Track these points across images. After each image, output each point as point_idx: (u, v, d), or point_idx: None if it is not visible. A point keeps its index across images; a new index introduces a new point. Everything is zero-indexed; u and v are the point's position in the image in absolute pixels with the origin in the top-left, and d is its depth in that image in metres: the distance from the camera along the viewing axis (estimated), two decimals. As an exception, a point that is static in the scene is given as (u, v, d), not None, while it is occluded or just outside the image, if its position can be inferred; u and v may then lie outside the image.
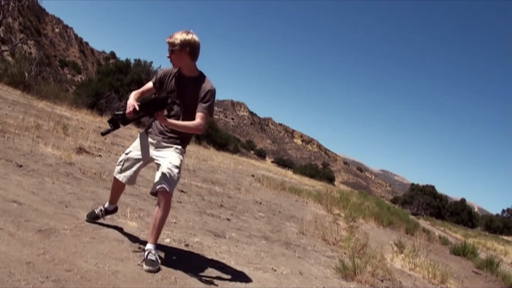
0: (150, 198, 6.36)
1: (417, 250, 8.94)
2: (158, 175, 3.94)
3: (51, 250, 3.54)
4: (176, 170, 3.95)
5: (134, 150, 4.20)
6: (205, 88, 3.99)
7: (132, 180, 4.26)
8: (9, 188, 4.92)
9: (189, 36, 3.91)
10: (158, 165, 4.03)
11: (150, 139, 4.16)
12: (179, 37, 3.89)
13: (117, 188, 4.45)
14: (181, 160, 4.07)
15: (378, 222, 14.19)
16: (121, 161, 4.24)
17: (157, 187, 3.87)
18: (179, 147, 4.08)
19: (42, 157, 7.10)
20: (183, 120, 4.02)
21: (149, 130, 4.22)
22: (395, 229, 14.59)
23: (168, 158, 4.00)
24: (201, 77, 4.07)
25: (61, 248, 3.64)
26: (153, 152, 4.12)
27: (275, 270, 4.89)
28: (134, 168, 4.19)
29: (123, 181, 4.24)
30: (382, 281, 5.66)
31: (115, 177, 4.31)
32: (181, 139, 4.11)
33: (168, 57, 4.02)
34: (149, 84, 4.34)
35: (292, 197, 14.31)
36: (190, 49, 3.93)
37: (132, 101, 3.96)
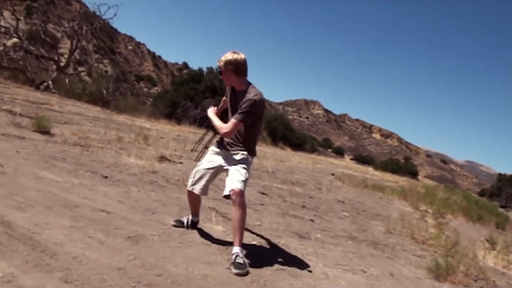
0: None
1: (510, 246, 8.44)
2: (228, 178, 4.17)
3: (141, 256, 3.61)
4: (243, 171, 4.18)
5: (205, 162, 4.48)
6: (246, 98, 4.20)
7: (204, 190, 4.48)
8: (97, 198, 5.09)
9: (231, 56, 4.21)
10: (227, 170, 4.26)
11: (218, 150, 4.43)
12: (223, 58, 4.23)
13: (193, 200, 4.64)
14: (248, 163, 4.31)
15: (467, 217, 13.58)
16: (193, 174, 4.48)
17: (228, 189, 4.06)
18: (245, 152, 4.29)
19: (126, 167, 7.31)
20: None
21: (218, 142, 4.51)
22: (484, 224, 13.92)
23: (235, 162, 4.27)
24: (247, 90, 4.27)
25: (150, 254, 3.72)
26: (221, 160, 4.36)
27: (365, 272, 4.75)
28: (205, 178, 4.42)
29: (197, 192, 4.45)
30: (475, 281, 5.36)
31: (188, 190, 4.53)
32: (246, 147, 4.34)
33: (220, 77, 4.40)
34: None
35: (375, 194, 13.98)
36: (233, 68, 4.21)
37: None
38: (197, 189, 4.42)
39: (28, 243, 3.38)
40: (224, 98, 4.66)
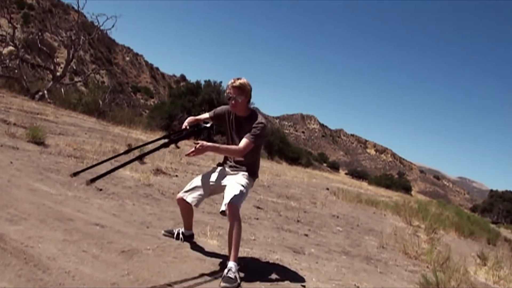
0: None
1: (501, 261, 8.48)
2: (225, 194, 4.12)
3: (135, 271, 3.60)
4: (241, 188, 4.14)
5: (205, 175, 4.46)
6: (257, 122, 4.23)
7: (196, 202, 4.37)
8: (91, 211, 5.07)
9: (247, 82, 4.24)
10: (225, 187, 4.23)
11: (220, 169, 4.46)
12: (244, 87, 4.21)
13: (184, 209, 4.57)
14: (247, 182, 4.27)
15: (458, 232, 13.65)
16: (190, 182, 4.46)
17: (224, 204, 4.01)
18: (246, 173, 4.31)
19: (121, 180, 7.28)
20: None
21: (221, 162, 4.54)
22: (476, 240, 14.01)
23: (234, 179, 4.26)
24: (253, 114, 4.34)
25: (144, 268, 3.70)
26: (221, 180, 4.36)
27: (358, 287, 4.75)
28: (200, 191, 4.36)
29: (187, 200, 4.35)
30: (466, 296, 5.39)
31: (179, 197, 4.43)
32: (248, 168, 4.36)
33: (233, 105, 4.25)
34: (205, 115, 4.67)
35: (369, 209, 13.98)
36: (250, 95, 4.28)
37: (185, 122, 4.51)
38: (189, 197, 4.33)
39: (21, 257, 3.34)
40: (207, 114, 4.65)
